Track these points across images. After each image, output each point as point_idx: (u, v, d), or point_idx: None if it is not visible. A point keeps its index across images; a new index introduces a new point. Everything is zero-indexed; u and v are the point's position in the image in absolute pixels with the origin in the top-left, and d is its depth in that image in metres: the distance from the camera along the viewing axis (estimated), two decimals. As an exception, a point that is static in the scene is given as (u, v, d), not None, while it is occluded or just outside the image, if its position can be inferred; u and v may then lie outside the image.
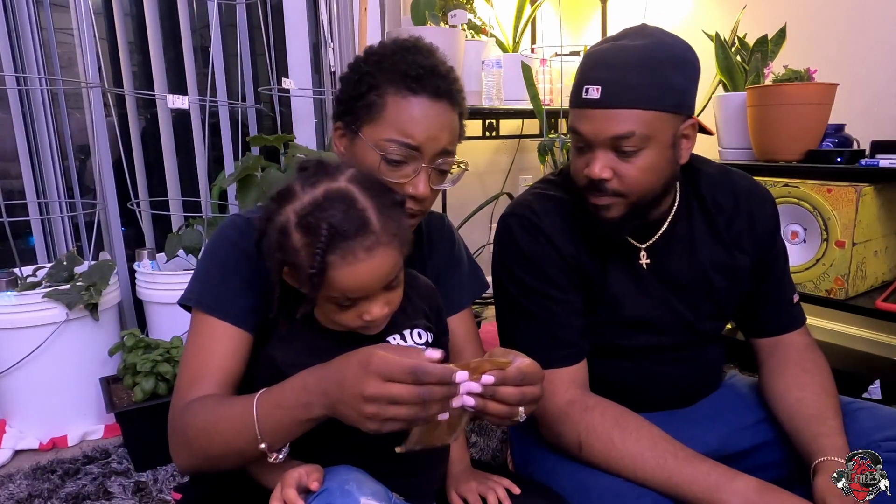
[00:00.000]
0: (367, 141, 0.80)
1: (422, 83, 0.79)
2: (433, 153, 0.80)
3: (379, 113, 0.79)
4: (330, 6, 2.08)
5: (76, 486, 1.40)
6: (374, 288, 0.68)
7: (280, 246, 0.67)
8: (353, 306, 0.69)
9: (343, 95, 0.83)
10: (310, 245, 0.65)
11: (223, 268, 0.79)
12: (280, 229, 0.67)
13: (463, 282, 0.99)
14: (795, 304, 1.04)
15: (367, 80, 0.80)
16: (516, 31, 2.42)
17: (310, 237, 0.65)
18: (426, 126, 0.79)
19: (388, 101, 0.79)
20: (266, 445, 0.65)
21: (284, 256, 0.67)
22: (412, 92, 0.79)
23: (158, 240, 2.02)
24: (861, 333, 2.06)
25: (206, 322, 0.77)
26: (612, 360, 1.00)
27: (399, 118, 0.79)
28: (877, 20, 1.89)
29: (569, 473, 0.89)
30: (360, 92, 0.80)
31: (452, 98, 0.82)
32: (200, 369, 0.75)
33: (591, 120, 0.85)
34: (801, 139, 1.73)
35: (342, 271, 0.65)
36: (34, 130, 1.83)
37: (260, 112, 2.15)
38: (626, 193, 0.87)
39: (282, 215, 0.68)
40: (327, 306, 0.70)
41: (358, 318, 0.70)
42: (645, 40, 0.85)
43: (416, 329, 0.77)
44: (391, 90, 0.79)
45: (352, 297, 0.68)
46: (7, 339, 1.54)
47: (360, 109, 0.80)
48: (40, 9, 1.81)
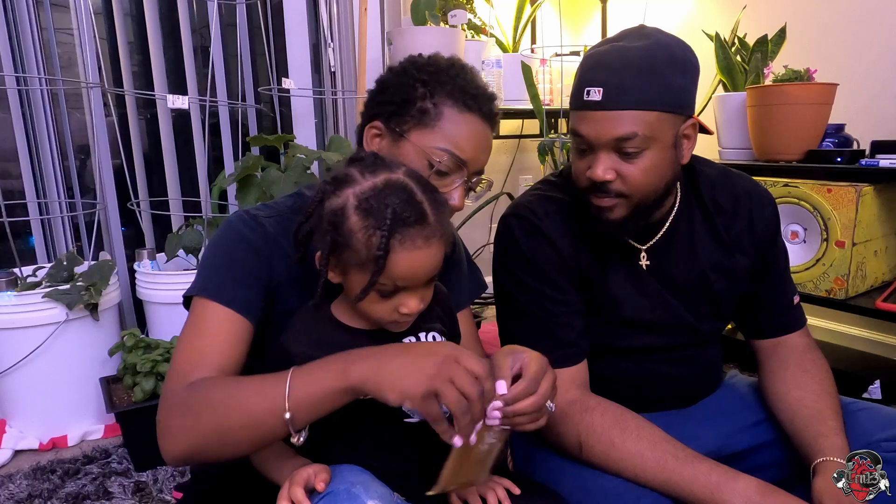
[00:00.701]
0: (415, 145, 0.81)
1: (478, 102, 0.83)
2: (475, 170, 0.84)
3: (434, 121, 0.81)
4: (330, 6, 2.08)
5: (76, 486, 1.40)
6: (423, 279, 0.70)
7: (335, 227, 0.68)
8: (393, 297, 0.70)
9: (388, 98, 0.84)
10: (371, 227, 0.67)
11: (229, 258, 0.79)
12: (337, 210, 0.69)
13: (462, 283, 1.00)
14: (796, 305, 1.04)
15: (422, 88, 0.82)
16: (516, 31, 2.42)
17: (371, 220, 0.67)
18: (476, 144, 0.83)
19: (444, 112, 0.81)
20: (290, 416, 0.63)
21: (337, 238, 0.68)
22: (469, 109, 0.82)
23: (158, 240, 2.02)
24: (861, 333, 2.06)
25: (209, 307, 0.75)
26: (612, 360, 1.00)
27: (454, 131, 0.81)
28: (877, 20, 1.89)
29: (569, 474, 0.89)
30: (413, 97, 0.82)
31: (494, 122, 0.86)
32: (202, 352, 0.73)
33: (593, 122, 0.85)
34: (801, 139, 1.73)
35: (401, 256, 0.67)
36: (34, 130, 1.83)
37: (260, 112, 2.15)
38: (629, 194, 0.87)
39: (339, 198, 0.69)
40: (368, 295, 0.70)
41: (394, 311, 0.70)
42: (645, 41, 0.85)
43: (433, 332, 0.78)
44: (449, 102, 0.81)
45: (401, 284, 0.68)
46: (7, 339, 1.54)
47: (411, 114, 0.82)
48: (40, 9, 1.81)
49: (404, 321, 0.73)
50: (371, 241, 0.66)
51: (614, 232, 0.91)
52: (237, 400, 0.66)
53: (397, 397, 0.62)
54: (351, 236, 0.68)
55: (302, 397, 0.64)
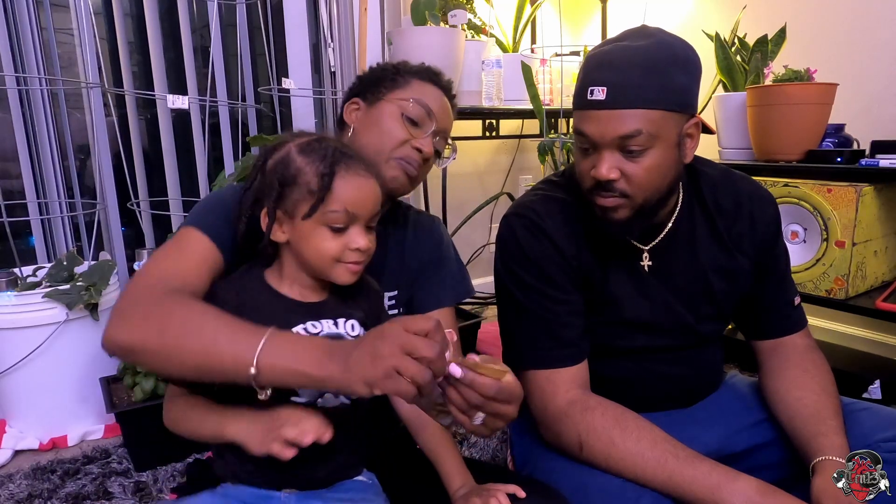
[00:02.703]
0: (389, 101, 0.95)
1: (439, 78, 1.00)
2: (441, 127, 0.97)
3: (404, 85, 0.96)
4: (330, 6, 2.08)
5: (76, 486, 1.40)
6: (369, 207, 0.77)
7: (280, 172, 0.76)
8: (343, 233, 0.75)
9: (365, 79, 1.00)
10: (315, 161, 0.75)
11: (220, 202, 0.85)
12: (280, 160, 0.77)
13: (445, 281, 1.02)
14: (796, 306, 1.04)
15: (392, 69, 0.99)
16: (516, 31, 2.42)
17: (315, 155, 0.76)
18: (441, 105, 0.97)
19: (412, 82, 0.96)
20: (255, 372, 0.64)
21: (284, 180, 0.75)
22: (432, 82, 0.98)
23: (158, 240, 2.02)
24: (861, 333, 2.06)
25: (195, 235, 0.81)
26: (613, 361, 1.00)
27: (422, 91, 0.96)
28: (877, 20, 1.89)
29: (569, 473, 0.89)
30: (385, 75, 0.98)
31: (452, 96, 1.02)
32: (181, 268, 0.77)
33: (597, 121, 0.85)
34: (801, 139, 1.73)
35: (346, 181, 0.75)
36: (34, 130, 1.83)
37: (260, 112, 2.15)
38: (633, 194, 0.87)
39: (280, 152, 0.78)
40: (318, 232, 0.75)
41: (344, 248, 0.76)
42: (647, 40, 0.85)
43: (352, 321, 0.80)
44: (416, 77, 0.98)
45: (350, 210, 0.75)
46: (7, 339, 1.53)
47: (385, 84, 0.97)
48: (40, 9, 1.81)
49: (353, 262, 0.77)
50: (319, 168, 0.75)
51: (619, 232, 0.91)
52: (210, 330, 0.67)
53: (364, 389, 0.61)
54: (298, 173, 0.75)
55: (270, 363, 0.64)
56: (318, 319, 0.78)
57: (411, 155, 0.93)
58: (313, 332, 0.77)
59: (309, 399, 0.76)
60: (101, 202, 1.83)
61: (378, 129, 0.94)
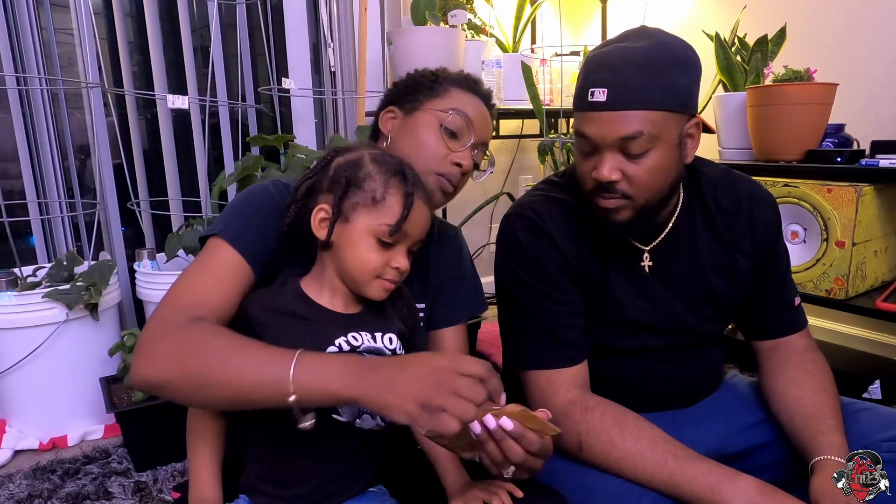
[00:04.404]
0: (427, 111, 0.91)
1: (479, 86, 0.97)
2: (481, 139, 0.94)
3: (443, 94, 0.93)
4: (330, 6, 2.08)
5: (76, 486, 1.40)
6: (421, 232, 0.78)
7: (349, 172, 0.75)
8: (391, 249, 0.75)
9: (402, 86, 0.96)
10: (387, 174, 0.75)
11: (254, 209, 0.82)
12: (353, 160, 0.77)
13: (462, 297, 1.00)
14: (797, 306, 1.04)
15: (431, 77, 0.95)
16: (516, 31, 2.42)
17: (386, 168, 0.76)
18: (480, 114, 0.94)
19: (450, 90, 0.93)
20: (295, 399, 0.63)
21: (353, 179, 0.75)
22: (472, 91, 0.95)
23: (158, 240, 2.02)
24: (861, 333, 2.06)
25: (223, 249, 0.78)
26: (613, 361, 1.00)
27: (461, 100, 0.93)
28: (877, 20, 1.89)
29: (569, 474, 0.89)
30: (423, 83, 0.94)
31: (491, 106, 0.99)
32: (207, 292, 0.75)
33: (598, 122, 0.85)
34: (801, 139, 1.73)
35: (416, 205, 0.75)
36: (34, 130, 1.83)
37: (260, 112, 2.15)
38: (635, 195, 0.87)
39: (353, 153, 0.78)
40: (367, 242, 0.74)
41: (386, 265, 0.75)
42: (647, 41, 0.85)
43: (389, 334, 0.79)
44: (454, 86, 0.94)
45: (407, 230, 0.75)
46: (7, 339, 1.54)
47: (422, 92, 0.93)
48: (40, 9, 1.81)
49: (389, 279, 0.76)
50: (389, 182, 0.75)
51: (621, 233, 0.91)
52: (236, 359, 0.66)
53: (405, 419, 0.60)
54: (367, 179, 0.75)
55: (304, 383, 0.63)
56: (358, 331, 0.77)
57: (451, 171, 0.90)
58: (354, 345, 0.75)
59: (349, 419, 0.75)
60: (101, 202, 1.83)
61: (415, 140, 0.90)
